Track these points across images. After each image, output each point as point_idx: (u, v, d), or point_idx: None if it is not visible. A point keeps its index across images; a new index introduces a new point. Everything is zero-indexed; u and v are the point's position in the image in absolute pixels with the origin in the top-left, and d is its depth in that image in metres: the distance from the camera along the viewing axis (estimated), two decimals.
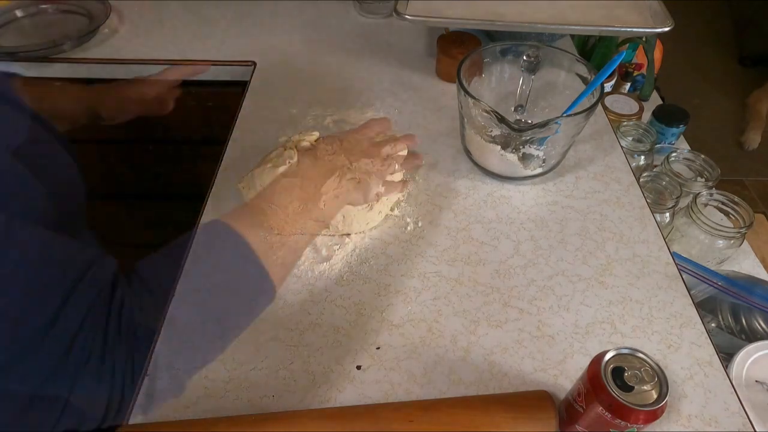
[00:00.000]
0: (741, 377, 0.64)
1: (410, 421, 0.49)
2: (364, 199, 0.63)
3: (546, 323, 0.60)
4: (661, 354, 0.58)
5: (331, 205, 0.59)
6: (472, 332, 0.59)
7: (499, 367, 0.56)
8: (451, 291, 0.63)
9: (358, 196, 0.62)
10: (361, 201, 0.62)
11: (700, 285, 0.78)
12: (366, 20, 1.11)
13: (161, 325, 0.58)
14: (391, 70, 0.96)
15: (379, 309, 0.61)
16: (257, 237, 0.53)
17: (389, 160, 0.64)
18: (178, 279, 0.56)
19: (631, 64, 1.20)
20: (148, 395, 0.53)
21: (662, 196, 0.84)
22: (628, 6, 0.90)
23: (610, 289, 0.63)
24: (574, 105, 0.72)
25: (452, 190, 0.75)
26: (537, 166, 0.74)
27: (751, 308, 0.77)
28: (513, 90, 0.83)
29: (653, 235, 0.70)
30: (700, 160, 0.92)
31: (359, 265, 0.66)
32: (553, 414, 0.50)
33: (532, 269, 0.65)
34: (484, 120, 0.69)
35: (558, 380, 0.55)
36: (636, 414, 0.42)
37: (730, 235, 0.80)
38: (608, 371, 0.44)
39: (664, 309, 0.62)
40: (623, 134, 0.94)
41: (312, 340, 0.58)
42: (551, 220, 0.71)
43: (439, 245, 0.68)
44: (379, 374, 0.55)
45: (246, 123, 0.85)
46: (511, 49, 0.79)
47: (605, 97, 1.07)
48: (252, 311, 0.54)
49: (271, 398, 0.54)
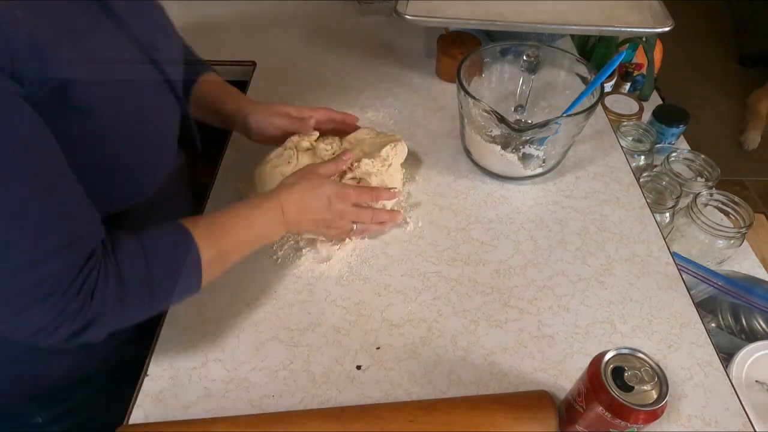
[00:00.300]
0: (741, 377, 0.64)
1: (410, 421, 0.49)
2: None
3: (546, 323, 0.60)
4: (661, 354, 0.57)
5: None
6: (472, 332, 0.59)
7: (499, 367, 0.56)
8: (451, 291, 0.63)
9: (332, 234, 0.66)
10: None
11: (700, 285, 0.78)
12: (366, 20, 1.11)
13: (162, 326, 0.59)
14: (391, 70, 0.96)
15: (379, 309, 0.61)
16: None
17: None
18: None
19: (631, 64, 1.20)
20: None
21: (662, 196, 0.84)
22: (628, 6, 0.90)
23: (610, 289, 0.63)
24: (574, 105, 0.72)
25: (452, 190, 0.75)
26: (537, 166, 0.74)
27: (751, 308, 0.77)
28: (513, 90, 0.83)
29: (653, 235, 0.70)
30: (700, 160, 0.92)
31: (359, 265, 0.66)
32: (553, 414, 0.50)
33: (532, 269, 0.65)
34: (484, 120, 0.69)
35: (558, 380, 0.55)
36: (636, 414, 0.42)
37: (730, 235, 0.80)
38: (608, 371, 0.44)
39: (664, 309, 0.62)
40: (623, 134, 0.94)
41: (312, 340, 0.58)
42: (551, 220, 0.71)
43: (439, 245, 0.68)
44: (379, 374, 0.55)
45: None
46: (511, 49, 0.79)
47: (605, 97, 1.07)
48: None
49: (271, 398, 0.54)
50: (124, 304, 0.46)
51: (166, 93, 0.58)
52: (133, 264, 0.47)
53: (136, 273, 0.47)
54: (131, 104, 0.51)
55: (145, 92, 0.54)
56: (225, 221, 0.56)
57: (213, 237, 0.53)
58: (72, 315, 0.43)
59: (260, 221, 0.58)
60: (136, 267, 0.47)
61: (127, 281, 0.46)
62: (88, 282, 0.44)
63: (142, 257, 0.47)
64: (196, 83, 0.72)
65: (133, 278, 0.46)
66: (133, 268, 0.47)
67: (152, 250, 0.48)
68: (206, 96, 0.73)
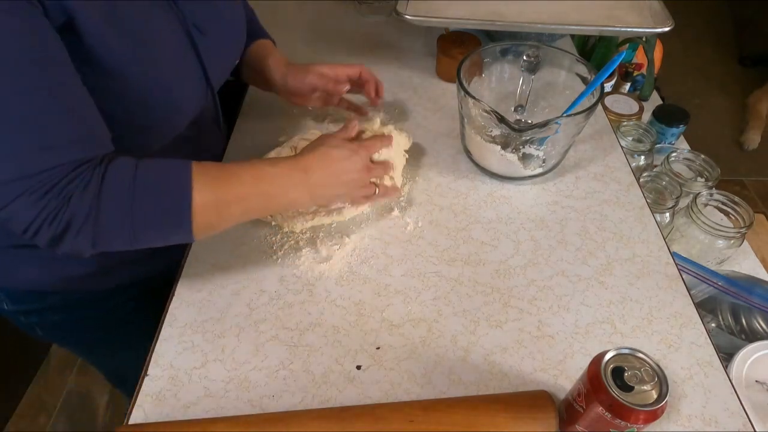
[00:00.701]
0: (741, 377, 0.64)
1: (410, 421, 0.49)
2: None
3: (546, 323, 0.60)
4: (661, 354, 0.57)
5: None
6: (472, 332, 0.59)
7: (499, 367, 0.56)
8: (451, 291, 0.63)
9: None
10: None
11: (700, 285, 0.78)
12: (366, 20, 1.11)
13: (162, 325, 0.59)
14: (391, 70, 0.96)
15: (379, 309, 0.61)
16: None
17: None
18: None
19: (631, 64, 1.20)
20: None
21: (662, 196, 0.84)
22: (628, 6, 0.90)
23: (610, 289, 0.63)
24: (574, 105, 0.72)
25: (452, 190, 0.75)
26: (537, 166, 0.74)
27: (751, 308, 0.77)
28: (513, 90, 0.83)
29: (653, 235, 0.70)
30: (700, 160, 0.92)
31: (359, 265, 0.66)
32: (553, 414, 0.50)
33: (532, 269, 0.65)
34: (484, 120, 0.69)
35: (558, 380, 0.55)
36: (636, 414, 0.42)
37: (730, 235, 0.80)
38: (608, 371, 0.44)
39: (664, 309, 0.62)
40: (623, 134, 0.94)
41: (312, 340, 0.58)
42: (551, 220, 0.71)
43: (439, 245, 0.68)
44: (379, 374, 0.55)
45: (246, 123, 0.86)
46: (511, 49, 0.79)
47: (605, 97, 1.07)
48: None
49: (271, 398, 0.54)
50: (97, 218, 0.46)
51: (195, 70, 0.59)
52: (118, 182, 0.47)
53: (117, 191, 0.47)
54: (149, 66, 0.52)
55: (170, 63, 0.55)
56: (235, 171, 0.54)
57: (215, 182, 0.52)
58: (51, 216, 0.44)
59: (274, 179, 0.56)
60: (119, 186, 0.47)
61: (104, 195, 0.46)
62: (70, 186, 0.44)
63: (130, 179, 0.47)
64: (250, 47, 0.75)
65: (113, 195, 0.46)
66: (116, 186, 0.47)
67: (143, 175, 0.48)
68: (253, 58, 0.76)
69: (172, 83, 0.56)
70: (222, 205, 0.52)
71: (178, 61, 0.56)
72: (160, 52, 0.53)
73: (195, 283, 0.63)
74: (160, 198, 0.49)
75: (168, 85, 0.55)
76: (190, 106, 0.61)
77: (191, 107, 0.61)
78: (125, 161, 0.48)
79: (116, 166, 0.47)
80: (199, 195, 0.50)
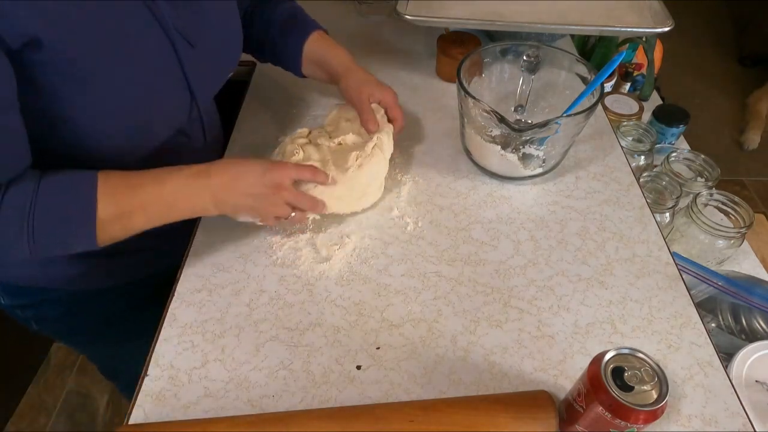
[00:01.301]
0: (741, 377, 0.64)
1: (410, 421, 0.49)
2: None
3: (546, 323, 0.60)
4: (661, 354, 0.57)
5: None
6: (472, 332, 0.59)
7: (499, 367, 0.56)
8: (451, 291, 0.63)
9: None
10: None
11: (700, 285, 0.78)
12: (366, 20, 1.11)
13: (162, 324, 0.58)
14: (391, 70, 0.96)
15: (379, 309, 0.61)
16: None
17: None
18: None
19: (631, 64, 1.20)
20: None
21: (662, 196, 0.84)
22: (628, 6, 0.90)
23: (610, 289, 0.63)
24: (574, 105, 0.72)
25: (452, 190, 0.75)
26: (537, 166, 0.74)
27: (751, 308, 0.77)
28: (513, 90, 0.83)
29: (653, 235, 0.70)
30: (700, 160, 0.92)
31: (359, 265, 0.66)
32: (553, 414, 0.50)
33: (532, 269, 0.65)
34: (484, 120, 0.69)
35: (558, 380, 0.55)
36: (636, 414, 0.42)
37: (730, 235, 0.80)
38: (608, 371, 0.44)
39: (664, 309, 0.62)
40: (623, 134, 0.94)
41: (312, 340, 0.58)
42: (551, 220, 0.71)
43: (439, 245, 0.68)
44: (379, 374, 0.55)
45: (246, 123, 0.86)
46: (511, 49, 0.79)
47: (605, 97, 1.07)
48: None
49: (271, 398, 0.54)
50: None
51: (178, 82, 0.58)
52: (18, 196, 0.48)
53: (14, 204, 0.48)
54: (120, 78, 0.52)
55: (146, 75, 0.54)
56: (139, 180, 0.54)
57: (118, 194, 0.52)
58: None
59: (176, 185, 0.55)
60: (18, 200, 0.48)
61: (2, 208, 0.47)
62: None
63: (30, 193, 0.48)
64: (306, 40, 0.76)
65: (10, 208, 0.48)
66: (15, 200, 0.48)
67: (45, 191, 0.49)
68: (315, 52, 0.76)
69: (146, 95, 0.55)
70: (124, 216, 0.53)
71: (157, 73, 0.56)
72: (136, 63, 0.53)
73: (195, 283, 0.63)
74: (59, 218, 0.50)
75: (140, 96, 0.54)
76: (169, 120, 0.60)
77: (170, 120, 0.60)
78: (29, 175, 0.49)
79: (19, 184, 0.48)
80: (103, 210, 0.51)
